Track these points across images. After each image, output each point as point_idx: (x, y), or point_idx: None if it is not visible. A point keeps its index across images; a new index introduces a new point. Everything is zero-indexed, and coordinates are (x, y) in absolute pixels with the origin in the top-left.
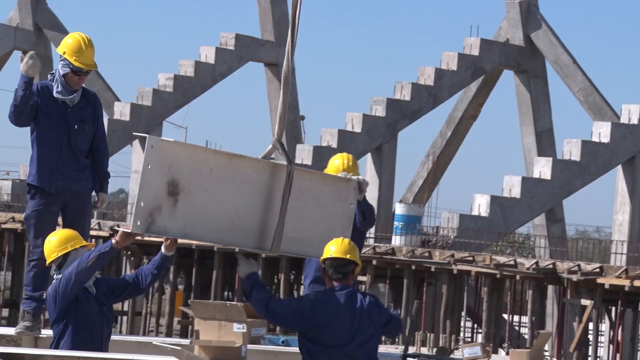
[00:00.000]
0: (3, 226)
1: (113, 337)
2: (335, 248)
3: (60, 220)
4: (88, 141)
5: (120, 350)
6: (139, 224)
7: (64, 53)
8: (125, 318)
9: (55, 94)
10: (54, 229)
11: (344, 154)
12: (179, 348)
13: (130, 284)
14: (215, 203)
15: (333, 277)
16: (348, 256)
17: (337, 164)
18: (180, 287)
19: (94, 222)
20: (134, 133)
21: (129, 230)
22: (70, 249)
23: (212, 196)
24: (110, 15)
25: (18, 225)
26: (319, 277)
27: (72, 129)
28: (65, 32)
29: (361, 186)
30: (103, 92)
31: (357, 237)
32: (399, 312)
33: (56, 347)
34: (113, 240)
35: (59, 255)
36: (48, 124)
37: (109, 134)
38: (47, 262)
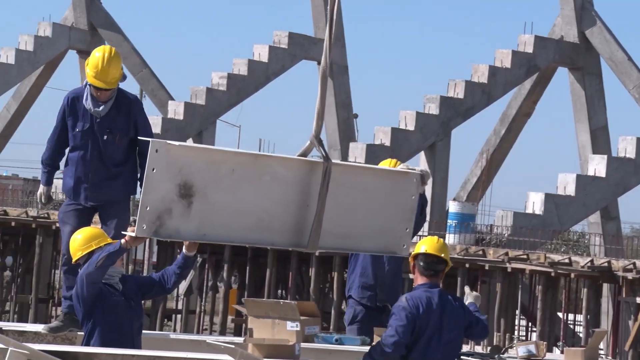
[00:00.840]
0: (58, 225)
1: (167, 335)
2: (428, 245)
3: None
4: (120, 150)
5: (174, 349)
6: (144, 227)
7: (87, 65)
8: (179, 316)
9: (83, 102)
10: (85, 225)
11: (393, 160)
12: (233, 346)
13: (157, 283)
14: (239, 203)
15: (424, 273)
16: (442, 255)
17: None
18: (234, 285)
19: None
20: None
21: (134, 234)
22: (94, 247)
23: (235, 196)
24: (164, 14)
25: None
26: (364, 283)
27: (100, 139)
28: (119, 32)
29: (424, 178)
30: (157, 91)
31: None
32: (486, 317)
33: (87, 344)
34: (122, 240)
35: (84, 254)
36: (77, 134)
37: (162, 133)
38: (73, 261)
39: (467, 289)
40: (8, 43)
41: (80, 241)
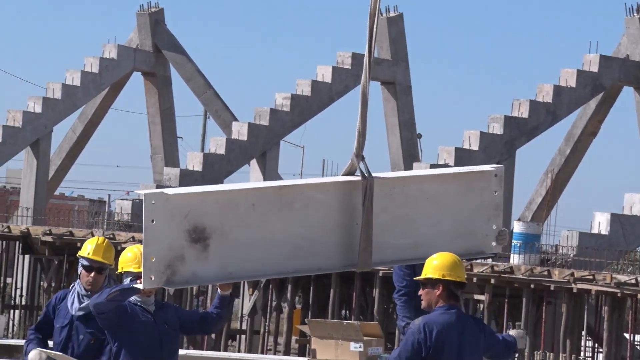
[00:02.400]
0: (123, 245)
1: (232, 355)
2: (456, 272)
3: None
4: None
5: None
6: (152, 278)
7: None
8: (243, 337)
9: None
10: None
11: None
12: None
13: (198, 322)
14: (267, 235)
15: (447, 298)
16: (465, 279)
17: None
18: (298, 305)
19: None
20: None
21: (141, 287)
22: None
23: (261, 229)
24: (227, 36)
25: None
26: (408, 292)
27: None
28: (183, 54)
29: (502, 236)
30: (221, 112)
31: None
32: (511, 335)
33: None
34: (138, 281)
35: (124, 270)
36: None
37: (226, 153)
38: (117, 272)
39: (513, 332)
40: (74, 65)
41: (129, 258)
